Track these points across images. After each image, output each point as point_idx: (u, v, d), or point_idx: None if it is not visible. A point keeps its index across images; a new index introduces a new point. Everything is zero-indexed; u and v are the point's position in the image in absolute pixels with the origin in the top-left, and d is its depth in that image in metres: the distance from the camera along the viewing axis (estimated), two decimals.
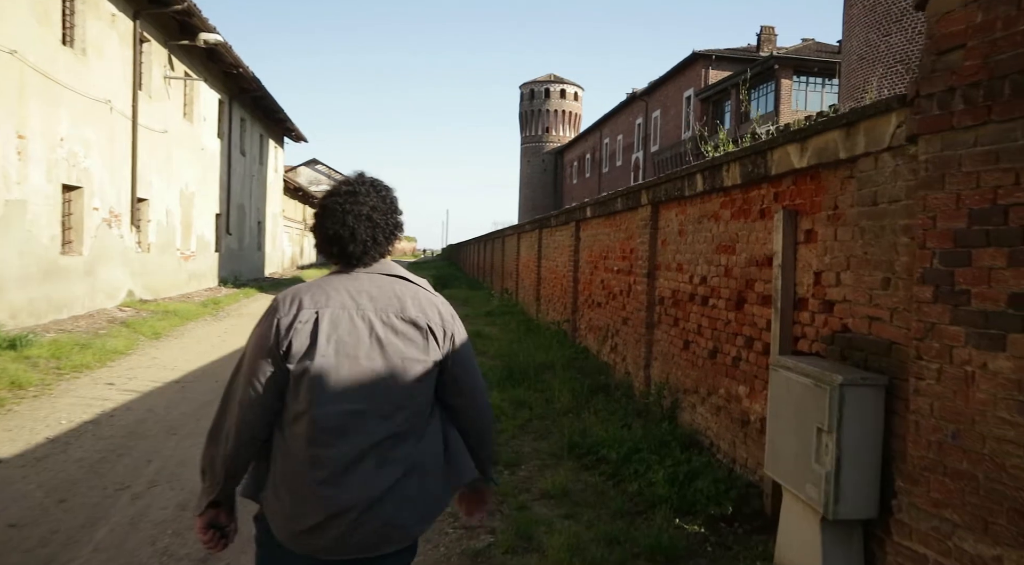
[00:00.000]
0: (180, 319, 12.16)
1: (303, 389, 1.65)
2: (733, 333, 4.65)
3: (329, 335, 1.66)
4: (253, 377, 1.69)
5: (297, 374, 1.65)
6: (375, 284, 1.75)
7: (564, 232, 10.74)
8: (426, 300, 1.77)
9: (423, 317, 1.73)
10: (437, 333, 1.75)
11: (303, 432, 1.65)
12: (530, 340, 10.47)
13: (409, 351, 1.70)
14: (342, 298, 1.70)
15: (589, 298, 9.05)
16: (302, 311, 1.68)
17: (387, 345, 1.69)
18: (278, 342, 1.67)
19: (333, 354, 1.65)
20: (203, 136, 18.52)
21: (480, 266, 28.52)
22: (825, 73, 30.26)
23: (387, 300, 1.72)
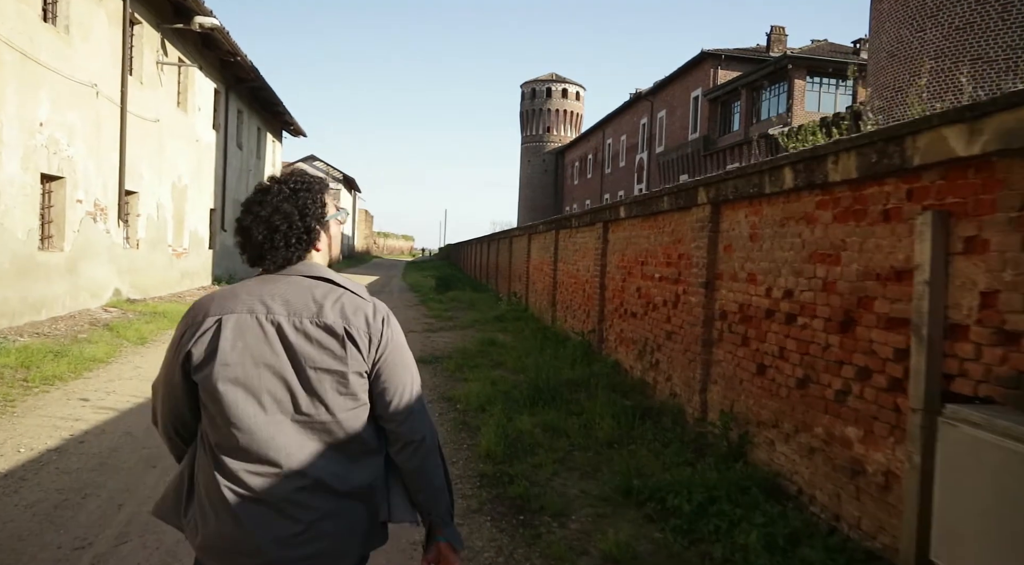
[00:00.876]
0: (169, 322, 11.27)
1: (208, 399, 1.55)
2: (836, 361, 3.81)
3: (234, 342, 1.53)
4: (165, 386, 1.64)
5: (201, 384, 1.55)
6: (293, 287, 1.59)
7: (588, 234, 9.90)
8: (350, 304, 1.60)
9: (341, 322, 1.57)
10: (359, 341, 1.57)
11: (211, 447, 1.57)
12: (549, 351, 9.62)
13: (323, 359, 1.55)
14: (252, 303, 1.57)
15: (620, 307, 8.21)
16: (208, 318, 1.57)
17: (298, 352, 1.54)
18: (179, 350, 1.58)
19: (237, 362, 1.52)
20: (198, 127, 17.61)
21: (482, 267, 27.65)
22: (839, 74, 29.48)
23: (303, 304, 1.57)
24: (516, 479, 4.66)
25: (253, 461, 1.53)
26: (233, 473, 1.53)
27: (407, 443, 1.66)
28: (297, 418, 1.54)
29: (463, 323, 13.73)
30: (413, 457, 1.67)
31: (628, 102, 48.91)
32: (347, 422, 1.58)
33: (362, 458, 1.61)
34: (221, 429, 1.54)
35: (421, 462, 1.68)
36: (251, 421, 1.52)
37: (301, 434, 1.54)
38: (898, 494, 3.22)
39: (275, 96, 23.04)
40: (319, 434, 1.56)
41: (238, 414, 1.52)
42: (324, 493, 1.55)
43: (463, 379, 8.03)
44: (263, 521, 1.51)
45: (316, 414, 1.55)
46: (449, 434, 5.84)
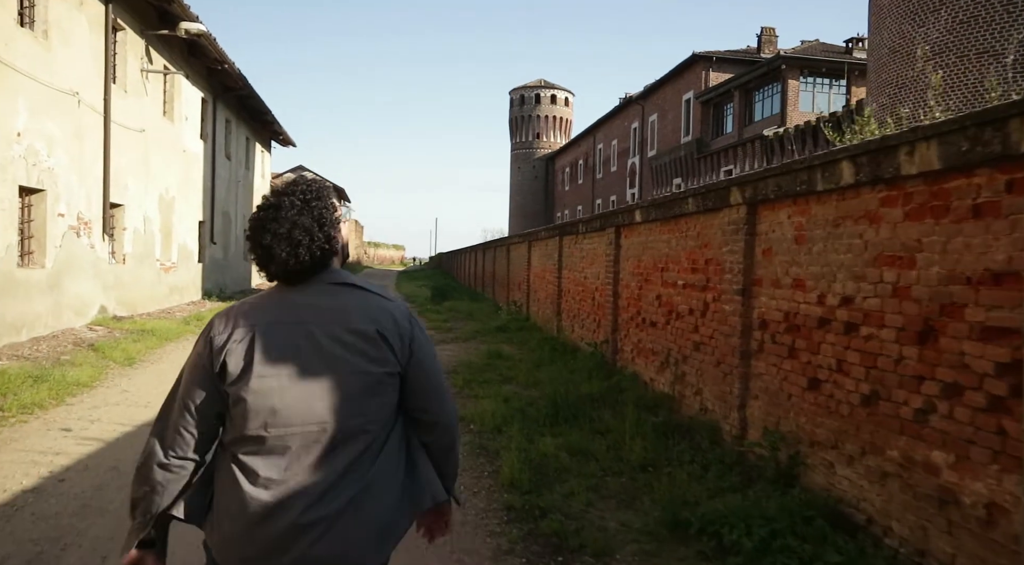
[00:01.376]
0: (158, 339, 10.74)
1: (242, 412, 1.54)
2: (914, 376, 3.38)
3: (267, 353, 1.54)
4: (188, 400, 1.60)
5: (236, 396, 1.54)
6: (321, 294, 1.61)
7: (597, 239, 9.47)
8: (377, 307, 1.63)
9: (373, 325, 1.59)
10: (392, 341, 1.60)
11: (243, 458, 1.55)
12: (560, 363, 9.18)
13: (359, 363, 1.57)
14: (281, 313, 1.59)
15: (637, 316, 7.78)
16: (237, 330, 1.57)
17: (334, 359, 1.56)
18: (212, 363, 1.57)
19: (273, 373, 1.53)
20: (185, 137, 17.10)
21: (478, 276, 27.19)
22: (833, 73, 29.36)
23: (332, 311, 1.59)
24: (548, 512, 4.21)
25: (282, 465, 1.54)
26: (259, 479, 1.53)
27: (445, 429, 1.76)
28: (334, 424, 1.56)
29: (464, 334, 13.26)
30: (449, 440, 1.78)
31: (618, 107, 48.72)
32: (379, 422, 1.61)
33: (383, 453, 1.63)
34: (250, 436, 1.55)
35: (452, 443, 1.80)
36: (286, 427, 1.54)
37: (336, 440, 1.56)
38: (1007, 530, 2.80)
39: (263, 105, 22.57)
40: (351, 435, 1.57)
41: (272, 424, 1.53)
42: (350, 491, 1.56)
43: (473, 396, 7.57)
44: (293, 528, 1.52)
45: (351, 418, 1.57)
46: (467, 459, 5.37)
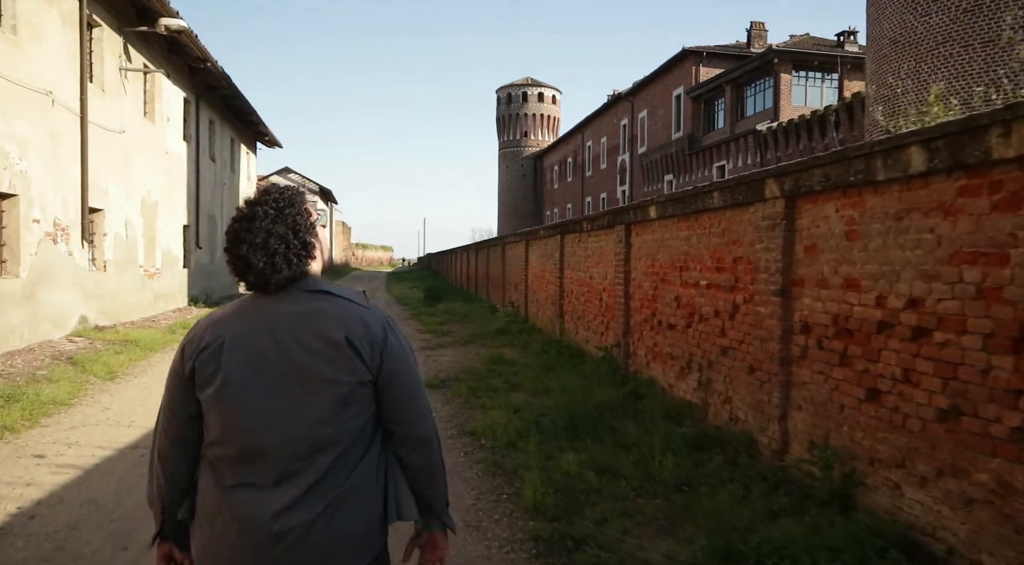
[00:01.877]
0: (142, 350, 10.19)
1: (213, 419, 1.57)
2: (1007, 389, 2.96)
3: (237, 360, 1.55)
4: (168, 407, 1.64)
5: (206, 402, 1.57)
6: (293, 302, 1.60)
7: (605, 237, 9.04)
8: (351, 315, 1.60)
9: (342, 332, 1.56)
10: (361, 348, 1.57)
11: (217, 465, 1.57)
12: (568, 368, 8.74)
13: (327, 372, 1.55)
14: (252, 321, 1.58)
15: (652, 318, 7.35)
16: (208, 337, 1.59)
17: (302, 367, 1.54)
18: (183, 370, 1.60)
19: (240, 382, 1.54)
20: (167, 138, 16.51)
21: (471, 276, 26.71)
22: (825, 67, 29.11)
23: (304, 319, 1.57)
24: (582, 543, 3.76)
25: (255, 473, 1.54)
26: (233, 485, 1.54)
27: (418, 444, 1.68)
28: (302, 431, 1.54)
29: (462, 338, 12.79)
30: (423, 456, 1.69)
31: (607, 104, 48.38)
32: (349, 431, 1.58)
33: (361, 464, 1.61)
34: (223, 444, 1.56)
35: (429, 460, 1.71)
36: (255, 435, 1.53)
37: (305, 446, 1.55)
38: None
39: (248, 105, 21.98)
40: (323, 445, 1.55)
41: (243, 428, 1.54)
42: (323, 501, 1.54)
43: (480, 406, 7.12)
44: (261, 536, 1.51)
45: (320, 425, 1.55)
46: (481, 480, 4.92)
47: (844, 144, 24.64)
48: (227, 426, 1.55)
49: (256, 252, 1.56)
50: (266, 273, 1.57)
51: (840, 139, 23.44)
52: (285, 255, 1.58)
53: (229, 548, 1.54)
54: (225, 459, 1.57)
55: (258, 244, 1.56)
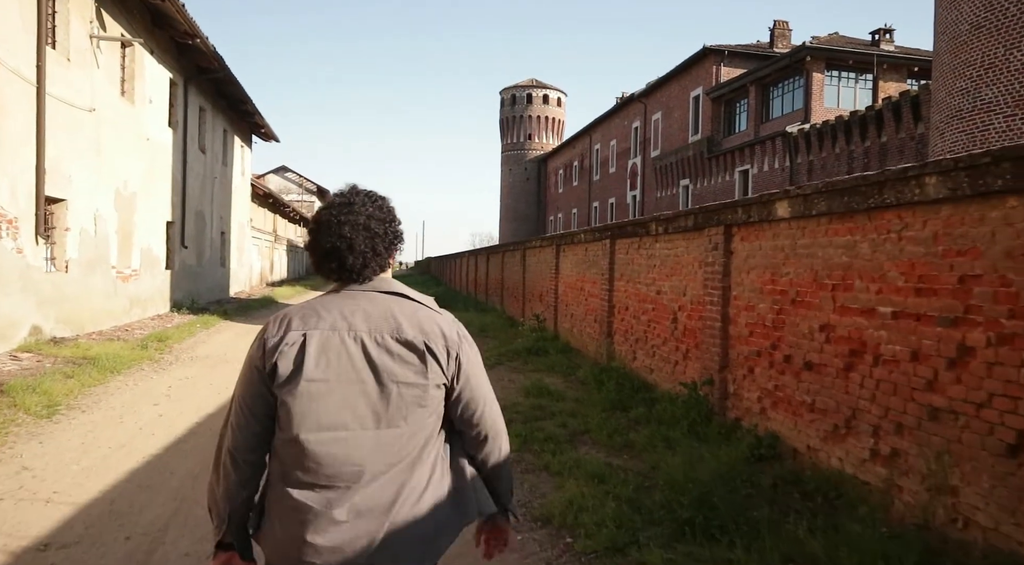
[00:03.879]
0: (100, 372, 8.26)
1: (289, 414, 1.56)
2: None
3: (317, 358, 1.56)
4: (243, 400, 1.63)
5: (284, 398, 1.57)
6: (371, 303, 1.63)
7: (684, 243, 7.17)
8: (427, 319, 1.63)
9: (421, 337, 1.59)
10: (439, 354, 1.60)
11: (290, 460, 1.58)
12: (640, 408, 6.87)
13: (405, 374, 1.58)
14: (334, 318, 1.59)
15: (770, 351, 5.47)
16: (290, 333, 1.59)
17: (381, 368, 1.57)
18: (264, 365, 1.60)
19: (322, 378, 1.56)
20: (149, 123, 14.61)
21: (479, 283, 24.83)
22: (859, 67, 27.39)
23: (382, 320, 1.60)
24: None
25: (328, 474, 1.55)
26: (306, 486, 1.55)
27: (492, 443, 1.75)
28: (377, 432, 1.57)
29: (487, 358, 10.86)
30: (497, 455, 1.77)
31: (618, 105, 46.66)
32: (423, 432, 1.61)
33: (433, 464, 1.63)
34: (297, 442, 1.55)
35: (501, 458, 1.78)
36: (332, 434, 1.55)
37: (379, 447, 1.57)
38: None
39: (243, 92, 20.09)
40: (396, 446, 1.58)
41: (318, 429, 1.54)
42: (394, 500, 1.56)
43: (543, 467, 5.24)
44: (332, 532, 1.53)
45: (396, 427, 1.58)
46: None
47: (887, 148, 22.99)
48: (302, 424, 1.55)
49: (359, 233, 1.60)
50: (367, 256, 1.61)
51: (883, 142, 21.69)
52: (384, 239, 1.64)
53: (299, 548, 1.54)
54: (298, 457, 1.56)
55: (361, 225, 1.61)
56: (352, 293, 1.65)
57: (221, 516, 1.65)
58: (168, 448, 5.56)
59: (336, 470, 1.55)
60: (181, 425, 6.27)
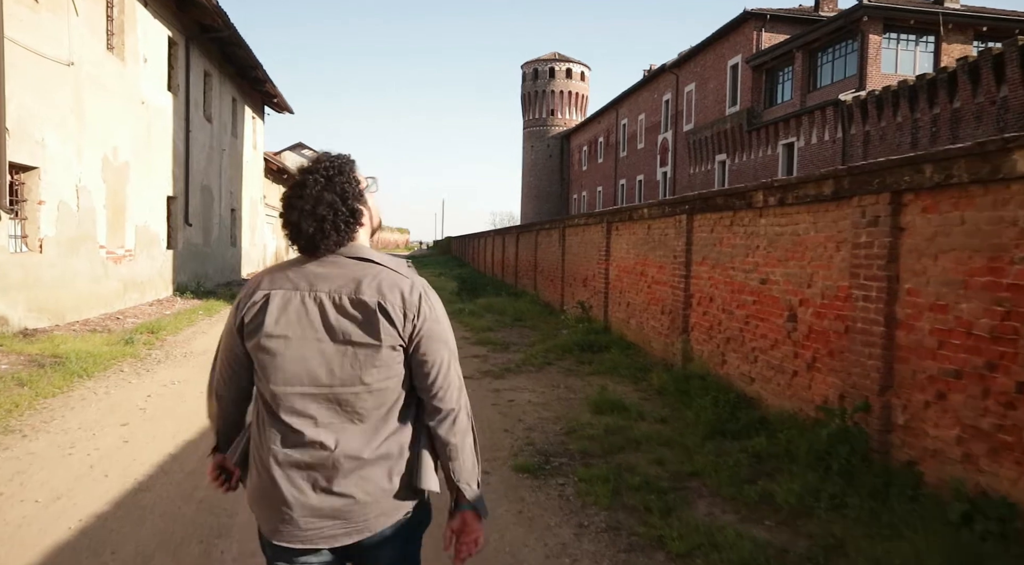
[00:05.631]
0: (65, 377, 6.71)
1: (258, 367, 1.67)
2: None
3: (278, 316, 1.64)
4: (223, 353, 1.76)
5: (252, 352, 1.67)
6: (336, 267, 1.68)
7: (810, 218, 5.41)
8: (387, 281, 1.66)
9: (376, 298, 1.63)
10: (393, 316, 1.63)
11: (261, 410, 1.69)
12: (753, 438, 5.19)
13: (359, 334, 1.62)
14: (297, 280, 1.67)
15: (985, 372, 3.74)
16: (257, 291, 1.68)
17: (336, 328, 1.62)
18: (235, 320, 1.70)
19: (280, 334, 1.63)
20: (143, 84, 12.98)
21: (508, 265, 23.14)
22: (921, 28, 25.08)
23: (343, 281, 1.65)
24: None
25: (290, 426, 1.62)
26: (273, 436, 1.64)
27: (444, 414, 1.71)
28: (332, 388, 1.62)
29: (532, 356, 9.21)
30: (448, 428, 1.71)
31: (647, 77, 44.36)
32: (379, 393, 1.64)
33: (390, 426, 1.66)
34: (265, 394, 1.66)
35: (453, 432, 1.72)
36: (288, 389, 1.62)
37: (332, 404, 1.62)
38: None
39: (252, 55, 18.40)
40: (351, 403, 1.63)
41: (277, 381, 1.63)
42: (351, 458, 1.62)
43: (656, 544, 3.58)
44: (295, 481, 1.61)
45: (349, 385, 1.62)
46: None
47: (961, 114, 20.78)
48: (268, 376, 1.64)
49: (306, 218, 1.64)
50: (315, 239, 1.65)
51: (956, 108, 19.56)
52: (333, 221, 1.65)
53: (271, 491, 1.63)
54: (267, 406, 1.66)
55: (307, 211, 1.64)
56: (321, 257, 1.69)
57: (215, 428, 1.87)
58: (120, 503, 3.96)
59: (296, 422, 1.61)
60: (148, 460, 4.68)
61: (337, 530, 1.62)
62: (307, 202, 1.64)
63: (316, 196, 1.64)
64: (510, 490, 4.39)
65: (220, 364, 1.77)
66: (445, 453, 1.72)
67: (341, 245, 1.68)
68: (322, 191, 1.65)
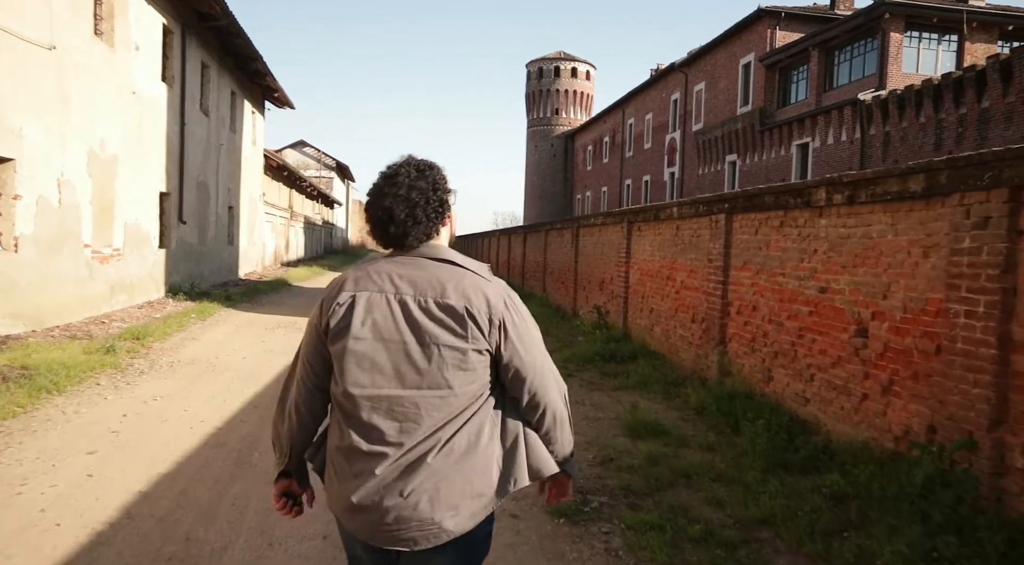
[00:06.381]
0: (31, 394, 5.95)
1: (340, 370, 1.66)
2: None
3: (364, 317, 1.64)
4: (305, 355, 1.75)
5: (336, 355, 1.67)
6: (419, 269, 1.69)
7: (887, 218, 4.65)
8: (472, 285, 1.66)
9: (463, 302, 1.63)
10: (480, 321, 1.63)
11: (341, 413, 1.68)
12: (824, 474, 4.44)
13: (445, 337, 1.62)
14: (382, 282, 1.68)
15: None
16: (342, 294, 1.68)
17: (423, 330, 1.63)
18: (320, 322, 1.70)
19: (369, 337, 1.64)
20: (135, 74, 12.24)
21: (514, 265, 22.40)
22: (943, 27, 24.32)
23: (428, 284, 1.66)
24: None
25: (374, 428, 1.62)
26: (357, 438, 1.63)
27: (542, 411, 1.75)
28: (415, 391, 1.62)
29: None
30: (550, 422, 1.77)
31: (655, 76, 43.63)
32: (467, 395, 1.64)
33: (479, 428, 1.66)
34: (349, 398, 1.64)
35: (554, 425, 1.79)
36: (375, 392, 1.62)
37: (421, 406, 1.62)
38: None
39: (252, 47, 17.65)
40: (436, 406, 1.62)
41: (364, 385, 1.62)
42: (434, 461, 1.61)
43: None
44: (377, 486, 1.60)
45: (434, 388, 1.62)
46: None
47: (989, 114, 19.93)
48: (350, 379, 1.63)
49: (399, 204, 1.68)
50: (407, 225, 1.68)
51: (984, 108, 18.80)
52: (425, 208, 1.70)
53: (349, 499, 1.62)
54: (349, 409, 1.65)
55: (401, 196, 1.69)
56: (402, 259, 1.71)
57: (283, 450, 1.80)
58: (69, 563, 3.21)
59: (380, 424, 1.62)
60: (112, 501, 3.93)
61: (415, 533, 1.61)
62: (400, 188, 1.69)
63: (409, 184, 1.70)
64: (546, 541, 3.65)
65: (302, 370, 1.76)
66: (546, 439, 1.79)
67: (429, 236, 1.72)
68: (416, 179, 1.71)
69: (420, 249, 1.71)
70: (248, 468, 4.59)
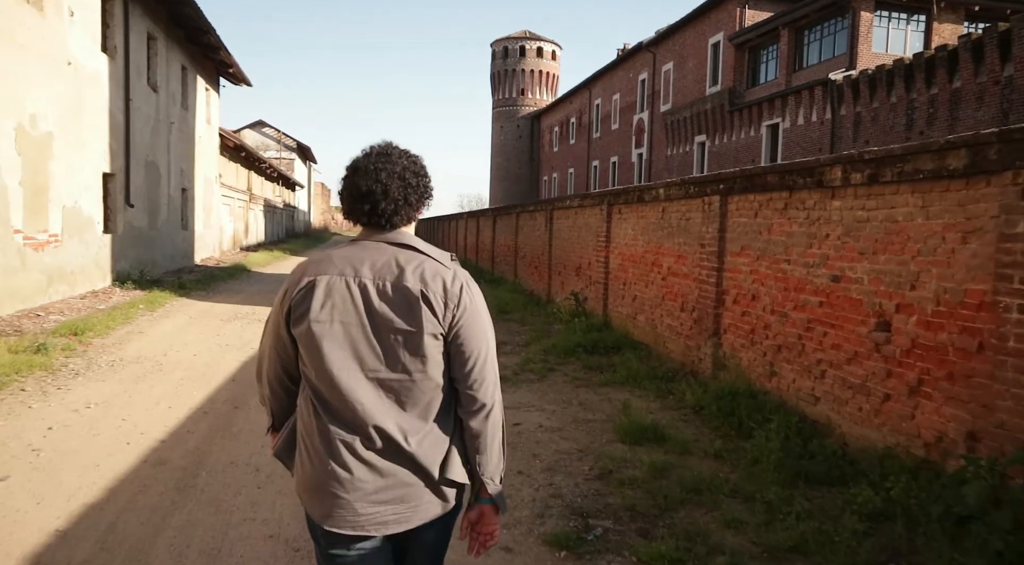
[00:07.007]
0: None
1: (304, 354, 1.66)
2: None
3: (323, 301, 1.64)
4: (271, 340, 1.76)
5: (298, 337, 1.67)
6: (380, 253, 1.68)
7: (914, 199, 4.15)
8: (430, 270, 1.66)
9: (419, 286, 1.63)
10: (435, 304, 1.63)
11: (310, 396, 1.68)
12: (850, 488, 3.96)
13: (399, 322, 1.62)
14: (343, 266, 1.67)
15: None
16: (304, 278, 1.68)
17: (379, 313, 1.63)
18: (282, 307, 1.70)
19: (325, 319, 1.63)
20: (70, 43, 11.19)
21: (483, 249, 21.75)
22: (912, 7, 24.18)
23: (387, 268, 1.66)
24: None
25: (337, 412, 1.63)
26: (324, 423, 1.64)
27: (478, 407, 1.70)
28: (374, 374, 1.63)
29: (527, 359, 7.88)
30: (481, 420, 1.71)
31: (622, 56, 43.06)
32: (420, 381, 1.64)
33: (436, 415, 1.67)
34: (313, 380, 1.66)
35: (485, 426, 1.71)
36: (335, 374, 1.61)
37: (377, 389, 1.63)
38: None
39: (203, 17, 16.51)
40: (396, 390, 1.64)
41: (324, 366, 1.62)
42: (400, 443, 1.62)
43: None
44: (348, 465, 1.61)
45: (392, 371, 1.63)
46: None
47: (961, 94, 19.81)
48: (316, 362, 1.63)
49: (395, 180, 1.68)
50: (399, 203, 1.69)
51: (956, 88, 18.66)
52: (416, 190, 1.72)
53: (324, 477, 1.62)
54: (314, 390, 1.66)
55: (397, 173, 1.69)
56: (366, 243, 1.70)
57: (270, 411, 1.85)
58: None
59: (339, 406, 1.62)
60: (19, 548, 3.23)
61: (388, 517, 1.62)
62: (396, 166, 1.69)
63: (404, 165, 1.71)
64: None
65: (270, 350, 1.76)
66: (474, 445, 1.72)
67: (410, 220, 1.75)
68: (409, 163, 1.73)
69: (387, 234, 1.70)
70: (192, 493, 3.92)
